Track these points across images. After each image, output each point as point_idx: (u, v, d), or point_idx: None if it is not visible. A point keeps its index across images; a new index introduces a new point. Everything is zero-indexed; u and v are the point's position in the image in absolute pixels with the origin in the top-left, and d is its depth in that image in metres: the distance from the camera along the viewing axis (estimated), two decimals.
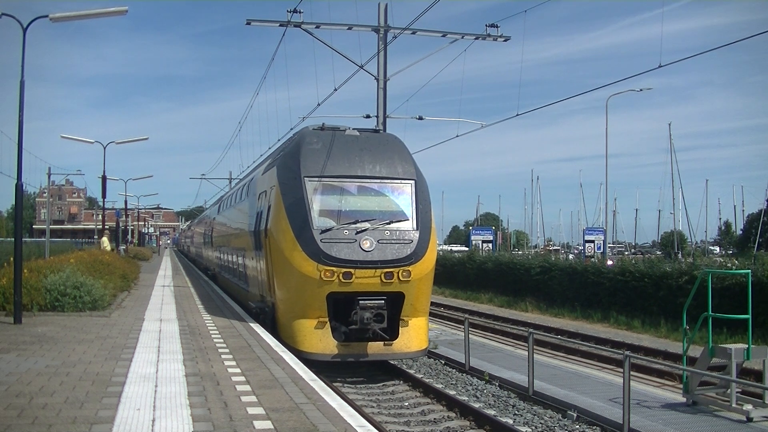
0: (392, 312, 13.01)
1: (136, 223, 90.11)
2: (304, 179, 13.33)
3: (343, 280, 12.57)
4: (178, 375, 9.07)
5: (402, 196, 13.73)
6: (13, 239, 16.87)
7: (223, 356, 10.64)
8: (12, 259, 14.96)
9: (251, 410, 7.27)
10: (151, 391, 8.09)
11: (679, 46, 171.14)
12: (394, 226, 13.21)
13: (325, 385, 8.69)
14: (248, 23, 18.80)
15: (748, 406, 10.07)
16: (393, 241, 12.96)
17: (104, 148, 38.60)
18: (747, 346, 10.38)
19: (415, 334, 13.30)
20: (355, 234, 12.88)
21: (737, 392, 10.50)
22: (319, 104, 20.42)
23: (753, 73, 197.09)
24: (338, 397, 8.06)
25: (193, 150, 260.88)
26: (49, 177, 48.64)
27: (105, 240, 36.05)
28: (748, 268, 18.59)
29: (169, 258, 64.49)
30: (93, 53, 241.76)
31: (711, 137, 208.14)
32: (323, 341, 12.80)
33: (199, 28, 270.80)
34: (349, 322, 12.85)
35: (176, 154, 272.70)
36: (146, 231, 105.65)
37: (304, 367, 9.93)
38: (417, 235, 13.19)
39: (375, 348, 13.06)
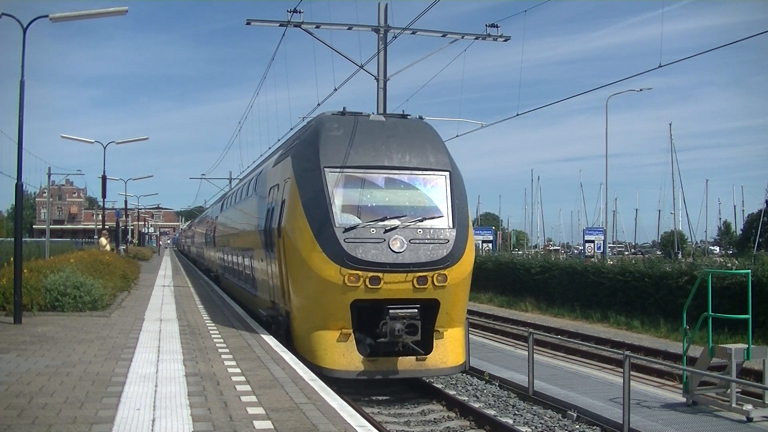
0: (425, 322, 11.37)
1: (136, 223, 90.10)
2: (324, 170, 11.74)
3: (369, 286, 10.99)
4: (178, 375, 9.07)
5: (435, 190, 12.12)
6: (13, 239, 16.87)
7: (223, 356, 10.65)
8: (12, 259, 14.97)
9: (251, 410, 7.27)
10: (151, 391, 8.09)
11: (679, 46, 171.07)
12: (427, 223, 11.61)
13: (325, 385, 8.69)
14: (248, 23, 18.80)
15: (748, 406, 10.07)
16: (426, 241, 11.41)
17: (104, 148, 38.66)
18: (747, 346, 10.38)
19: (451, 347, 11.70)
20: (383, 233, 11.30)
21: (737, 392, 10.50)
22: (319, 104, 20.32)
23: (754, 72, 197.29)
24: (338, 397, 8.06)
25: (193, 150, 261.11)
26: (49, 177, 48.71)
27: (103, 240, 36.03)
28: (748, 268, 18.58)
29: (169, 258, 64.49)
30: (93, 53, 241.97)
31: (711, 137, 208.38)
32: (347, 356, 11.20)
33: (200, 28, 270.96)
34: (377, 335, 11.23)
35: (176, 154, 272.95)
36: (146, 231, 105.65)
37: (304, 367, 9.94)
38: (453, 233, 11.62)
39: (406, 364, 11.42)
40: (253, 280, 17.23)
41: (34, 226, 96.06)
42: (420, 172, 12.16)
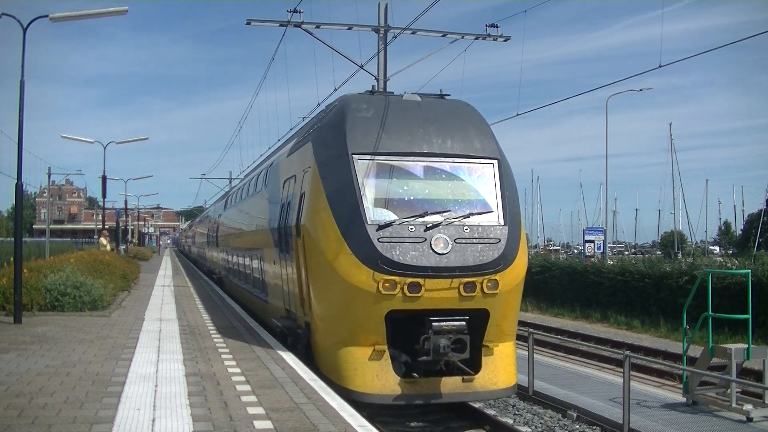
0: (472, 336, 9.76)
1: (136, 223, 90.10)
2: (352, 157, 10.10)
3: (408, 294, 9.39)
4: (178, 375, 9.07)
5: (482, 180, 10.50)
6: (13, 239, 16.89)
7: (223, 356, 10.64)
8: (12, 259, 14.98)
9: (251, 410, 7.27)
10: (151, 391, 8.09)
11: (679, 47, 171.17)
12: (474, 219, 9.99)
13: (325, 385, 8.69)
14: (248, 23, 18.77)
15: (748, 406, 10.07)
16: (474, 241, 9.82)
17: (104, 148, 38.80)
18: (747, 346, 10.38)
19: (502, 365, 10.09)
20: (424, 231, 9.69)
21: (737, 392, 10.50)
22: (319, 104, 20.24)
23: (755, 72, 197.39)
24: (338, 397, 8.06)
25: (193, 150, 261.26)
26: (49, 177, 48.69)
27: (103, 240, 36.04)
28: (748, 268, 18.59)
29: (169, 258, 64.48)
30: (94, 53, 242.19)
31: (711, 137, 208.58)
32: (381, 377, 9.56)
33: (200, 28, 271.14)
34: (416, 352, 9.68)
35: (176, 154, 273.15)
36: (146, 231, 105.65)
37: (304, 367, 9.93)
38: (505, 231, 10.03)
39: (451, 385, 9.76)
40: (263, 284, 15.67)
41: (34, 226, 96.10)
42: (464, 160, 10.54)
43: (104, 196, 40.78)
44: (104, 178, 38.73)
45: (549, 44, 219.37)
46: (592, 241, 40.45)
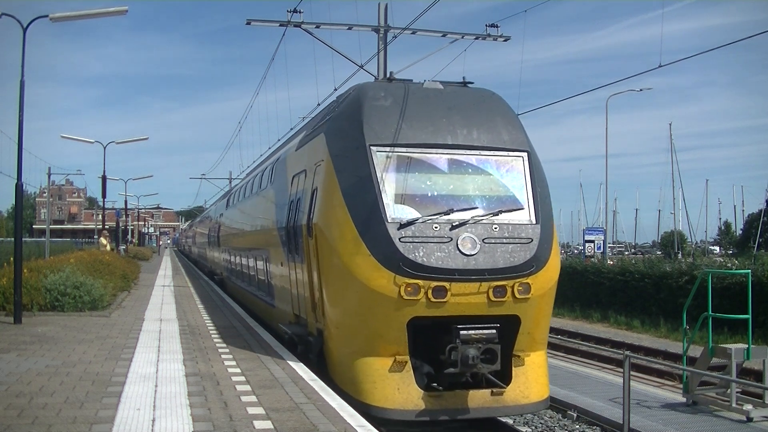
0: (502, 345, 9.00)
1: (136, 223, 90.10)
2: (370, 149, 9.34)
3: (432, 299, 8.64)
4: (178, 375, 9.06)
5: (511, 174, 9.74)
6: (13, 239, 16.88)
7: (223, 356, 10.64)
8: (12, 259, 14.98)
9: (251, 410, 7.26)
10: (151, 391, 8.09)
11: (679, 47, 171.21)
12: (504, 217, 9.24)
13: (325, 385, 8.69)
14: (248, 23, 18.76)
15: (748, 406, 10.08)
16: (504, 241, 9.07)
17: (104, 148, 38.76)
18: (747, 346, 10.39)
19: (533, 376, 9.30)
20: (450, 230, 8.92)
21: (737, 392, 10.51)
22: (318, 104, 20.20)
23: (755, 72, 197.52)
24: (338, 397, 8.06)
25: (193, 150, 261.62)
26: (49, 177, 48.70)
27: (103, 240, 36.06)
28: (748, 268, 18.59)
29: (169, 258, 64.49)
30: (94, 53, 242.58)
31: (711, 137, 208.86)
32: (403, 390, 8.77)
33: (200, 28, 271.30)
34: (441, 362, 8.91)
35: (176, 154, 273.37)
36: (146, 231, 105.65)
37: (304, 367, 9.92)
38: (537, 230, 9.29)
39: (479, 399, 8.98)
40: (269, 287, 14.79)
41: (34, 226, 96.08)
42: (491, 153, 9.77)
43: (104, 196, 40.80)
44: (104, 178, 38.74)
45: (549, 44, 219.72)
46: (592, 241, 40.47)
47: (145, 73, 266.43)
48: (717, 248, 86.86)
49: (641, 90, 39.99)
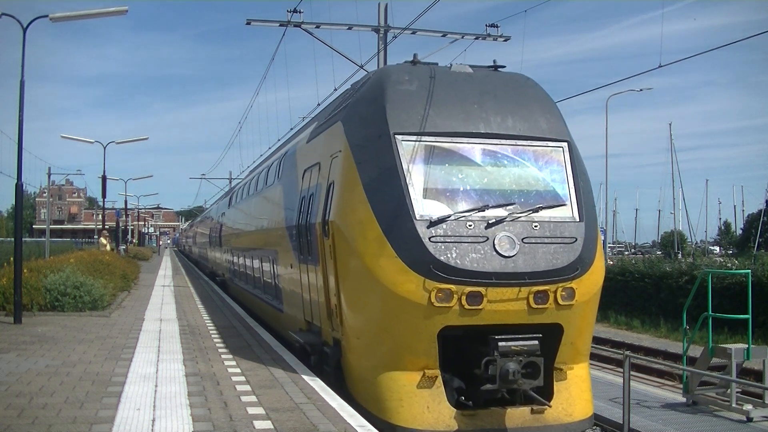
0: (544, 357, 8.11)
1: (136, 223, 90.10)
2: (395, 138, 8.39)
3: (467, 306, 7.76)
4: (178, 375, 9.06)
5: (551, 167, 8.84)
6: (13, 239, 16.89)
7: (223, 356, 10.64)
8: (12, 259, 14.98)
9: (251, 410, 7.27)
10: (151, 391, 8.09)
11: (679, 47, 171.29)
12: (545, 214, 8.34)
13: (325, 385, 8.69)
14: (248, 23, 18.79)
15: (748, 406, 10.07)
16: (546, 240, 8.18)
17: (104, 148, 38.82)
18: (747, 346, 10.38)
19: (577, 391, 8.41)
20: (485, 228, 8.03)
21: (737, 392, 10.51)
22: (319, 104, 20.19)
23: (756, 72, 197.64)
24: (338, 397, 8.06)
25: (193, 150, 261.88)
26: (49, 177, 48.82)
27: (103, 240, 36.08)
28: (748, 268, 18.59)
29: (169, 258, 64.49)
30: (94, 53, 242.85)
31: (711, 137, 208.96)
32: (433, 409, 7.85)
33: (200, 28, 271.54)
34: (475, 377, 8.04)
35: (176, 154, 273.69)
36: (146, 231, 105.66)
37: (304, 367, 9.92)
38: (582, 229, 8.40)
39: (517, 418, 8.08)
40: (277, 290, 13.81)
41: (34, 226, 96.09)
42: (529, 142, 8.86)
43: (104, 196, 40.83)
44: (104, 178, 38.76)
45: (549, 44, 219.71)
46: None
47: (145, 73, 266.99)
48: (717, 248, 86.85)
49: (641, 90, 40.07)
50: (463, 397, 8.28)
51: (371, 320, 8.42)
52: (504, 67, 9.97)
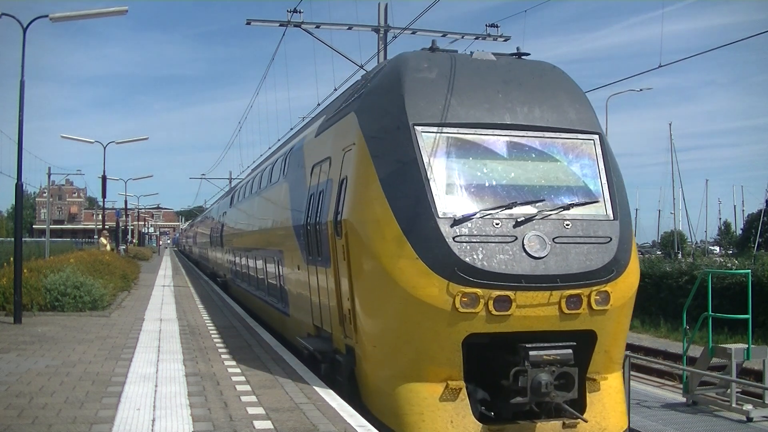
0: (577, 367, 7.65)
1: (136, 223, 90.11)
2: (414, 129, 7.81)
3: (494, 312, 7.22)
4: (178, 375, 9.06)
5: (582, 160, 8.27)
6: (13, 239, 16.89)
7: (223, 356, 10.63)
8: (12, 259, 14.98)
9: (251, 410, 7.26)
10: (151, 391, 8.09)
11: (679, 47, 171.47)
12: (576, 212, 7.80)
13: (325, 385, 8.68)
14: (248, 23, 18.80)
15: (748, 406, 10.08)
16: (579, 240, 7.63)
17: (104, 148, 38.85)
18: (747, 346, 10.39)
19: (611, 403, 7.84)
20: (513, 227, 7.49)
21: (737, 392, 10.51)
22: (319, 104, 20.17)
23: (756, 72, 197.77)
24: (338, 397, 8.05)
25: (193, 150, 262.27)
26: (49, 177, 48.84)
27: (103, 240, 36.10)
28: (748, 268, 18.59)
29: (169, 258, 64.49)
30: (95, 53, 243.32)
31: (711, 137, 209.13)
32: (458, 424, 7.32)
33: (200, 28, 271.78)
34: (501, 388, 7.53)
35: (176, 154, 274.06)
36: (146, 231, 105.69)
37: (304, 367, 9.91)
38: (617, 227, 7.87)
39: None
40: (282, 293, 13.22)
41: (34, 226, 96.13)
42: (558, 135, 8.28)
43: (104, 196, 40.84)
44: (104, 178, 38.76)
45: (549, 44, 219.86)
46: None
47: (145, 73, 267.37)
48: (717, 248, 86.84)
49: (641, 90, 40.18)
50: (484, 408, 7.71)
51: (389, 327, 7.77)
52: (528, 54, 9.38)
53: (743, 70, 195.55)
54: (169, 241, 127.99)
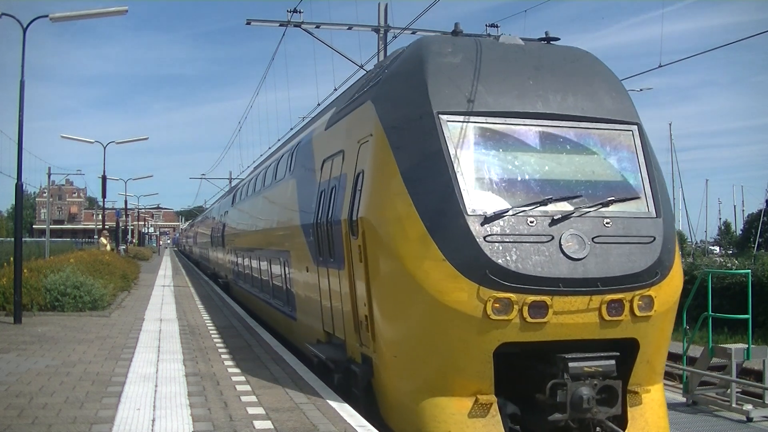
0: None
1: (136, 223, 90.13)
2: (439, 118, 7.22)
3: (529, 319, 6.61)
4: (178, 375, 9.06)
5: (621, 153, 7.69)
6: (13, 239, 16.89)
7: (223, 356, 10.63)
8: (12, 259, 14.98)
9: (251, 410, 7.26)
10: (151, 391, 8.09)
11: (679, 47, 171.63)
12: (616, 209, 7.20)
13: (325, 385, 8.68)
14: (248, 23, 18.80)
15: (748, 406, 10.08)
16: (620, 240, 7.02)
17: (104, 148, 38.91)
18: (747, 346, 10.39)
19: (653, 418, 7.25)
20: (549, 225, 6.90)
21: (737, 392, 10.51)
22: (318, 104, 20.17)
23: (756, 73, 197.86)
24: (338, 397, 8.05)
25: (193, 150, 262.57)
26: (49, 177, 48.93)
27: (103, 240, 36.13)
28: (748, 268, 18.59)
29: (169, 258, 64.50)
30: (95, 53, 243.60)
31: (711, 137, 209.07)
32: None
33: (200, 28, 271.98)
34: (539, 404, 6.92)
35: (176, 154, 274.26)
36: (146, 231, 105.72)
37: (304, 367, 9.91)
38: (660, 225, 7.26)
39: None
40: (288, 295, 12.62)
41: (34, 226, 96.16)
42: (594, 125, 7.68)
43: (104, 196, 40.89)
44: (104, 178, 38.79)
45: None
46: None
47: (145, 73, 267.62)
48: (717, 248, 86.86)
49: (641, 90, 39.95)
50: (514, 424, 7.11)
51: (412, 335, 7.12)
52: (558, 39, 8.77)
53: (743, 70, 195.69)
54: (169, 241, 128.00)
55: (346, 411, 7.38)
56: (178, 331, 13.47)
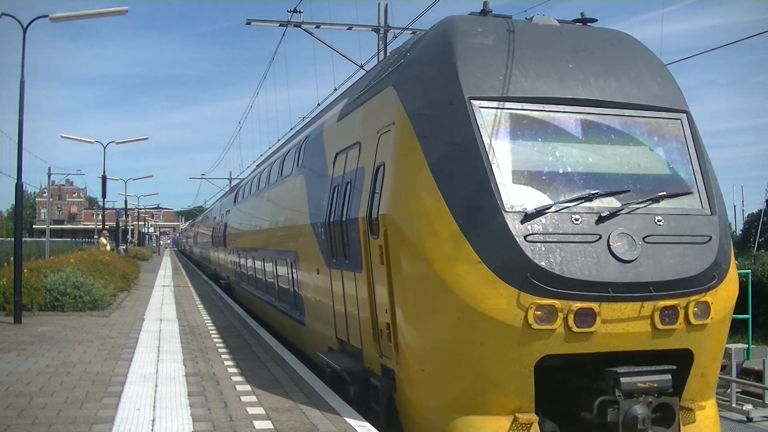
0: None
1: (136, 223, 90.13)
2: (470, 104, 6.52)
3: (574, 328, 5.95)
4: (178, 375, 9.06)
5: (669, 144, 7.01)
6: (13, 239, 16.90)
7: (223, 356, 10.63)
8: (12, 259, 14.99)
9: (251, 410, 7.26)
10: (151, 391, 8.09)
11: (679, 47, 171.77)
12: (668, 205, 6.54)
13: (325, 385, 8.68)
14: (248, 23, 18.82)
15: (748, 406, 10.09)
16: (674, 240, 6.36)
17: (104, 148, 38.90)
18: (747, 346, 10.40)
19: None
20: (595, 223, 6.22)
21: (737, 392, 10.51)
22: (318, 104, 20.17)
23: (756, 73, 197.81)
24: (338, 397, 8.05)
25: (193, 150, 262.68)
26: (49, 177, 48.95)
27: (103, 240, 36.14)
28: (748, 268, 18.59)
29: (169, 258, 64.51)
30: (95, 53, 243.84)
31: (711, 137, 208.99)
32: None
33: (200, 28, 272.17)
34: (585, 423, 6.31)
35: (176, 154, 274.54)
36: (146, 231, 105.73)
37: (304, 367, 9.91)
38: (716, 223, 6.60)
39: None
40: (296, 299, 11.86)
41: (34, 226, 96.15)
42: (639, 112, 7.00)
43: (104, 196, 40.89)
44: (104, 178, 38.79)
45: None
46: None
47: (145, 73, 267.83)
48: None
49: None
50: None
51: (442, 346, 6.40)
52: (596, 21, 8.08)
53: (743, 70, 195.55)
54: (169, 241, 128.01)
55: (346, 411, 7.37)
56: (178, 331, 13.47)
